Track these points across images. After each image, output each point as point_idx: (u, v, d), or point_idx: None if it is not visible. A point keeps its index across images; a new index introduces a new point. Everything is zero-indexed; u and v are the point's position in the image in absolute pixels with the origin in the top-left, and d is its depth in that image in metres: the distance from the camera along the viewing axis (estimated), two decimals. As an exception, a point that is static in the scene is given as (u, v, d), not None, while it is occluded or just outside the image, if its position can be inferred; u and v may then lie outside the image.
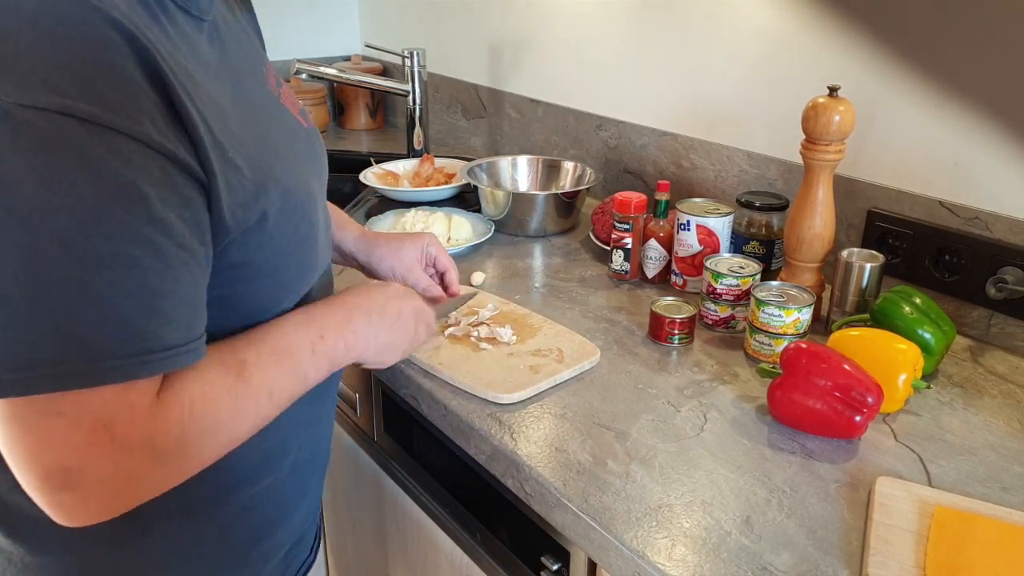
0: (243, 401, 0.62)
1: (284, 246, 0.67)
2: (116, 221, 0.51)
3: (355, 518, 1.29)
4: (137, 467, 0.55)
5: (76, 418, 0.51)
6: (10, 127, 0.48)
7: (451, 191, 1.53)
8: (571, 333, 1.02)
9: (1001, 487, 0.77)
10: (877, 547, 0.66)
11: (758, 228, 1.21)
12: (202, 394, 0.59)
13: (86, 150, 0.50)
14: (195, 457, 0.59)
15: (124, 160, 0.51)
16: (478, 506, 0.96)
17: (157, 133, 0.52)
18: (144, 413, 0.54)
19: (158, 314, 0.53)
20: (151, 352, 0.53)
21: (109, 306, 0.51)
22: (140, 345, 0.52)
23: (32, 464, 0.52)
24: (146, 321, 0.53)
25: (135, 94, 0.52)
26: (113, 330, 0.51)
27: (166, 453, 0.56)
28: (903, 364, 0.86)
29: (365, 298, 0.77)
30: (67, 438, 0.51)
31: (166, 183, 0.53)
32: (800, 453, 0.81)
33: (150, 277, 0.53)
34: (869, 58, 1.10)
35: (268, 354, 0.65)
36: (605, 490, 0.75)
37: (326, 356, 0.71)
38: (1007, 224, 1.00)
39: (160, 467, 0.56)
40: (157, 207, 0.53)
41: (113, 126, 0.50)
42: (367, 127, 2.18)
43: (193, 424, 0.58)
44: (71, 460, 0.52)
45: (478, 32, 1.83)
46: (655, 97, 1.45)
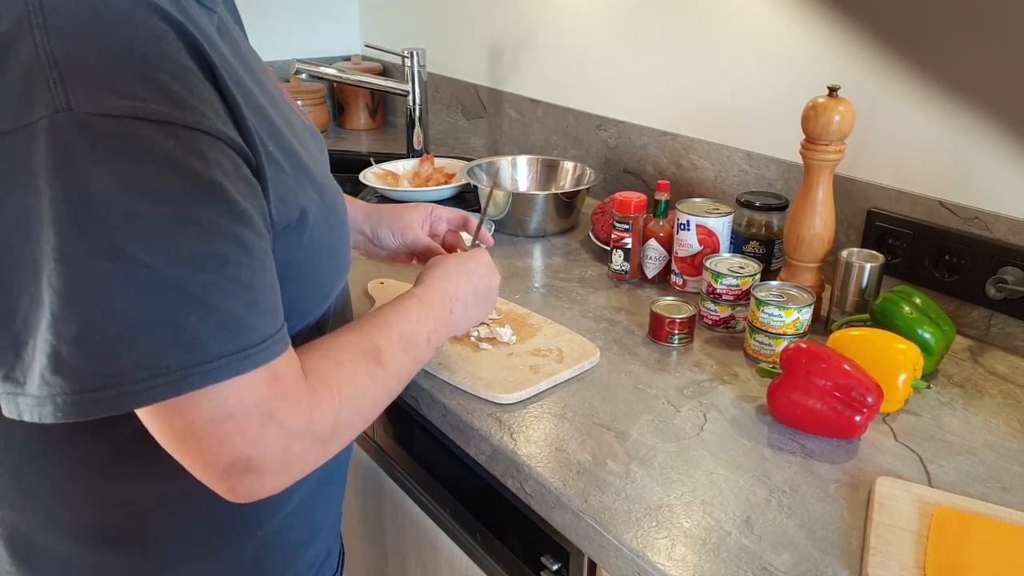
0: (383, 384, 0.67)
1: (324, 244, 0.67)
2: (203, 221, 0.51)
3: (355, 518, 1.29)
4: (303, 448, 0.58)
5: (246, 415, 0.54)
6: (88, 138, 0.48)
7: (451, 191, 1.53)
8: (571, 333, 1.02)
9: (1001, 487, 0.77)
10: (877, 547, 0.66)
11: (758, 228, 1.21)
12: (348, 381, 0.62)
13: (165, 152, 0.49)
14: (348, 435, 0.63)
15: (201, 157, 0.51)
16: (478, 506, 0.96)
17: (222, 124, 0.53)
18: (300, 401, 0.57)
19: (254, 307, 0.54)
20: (253, 345, 0.54)
21: (208, 307, 0.51)
22: (242, 340, 0.53)
23: (215, 460, 0.54)
24: (244, 315, 0.53)
25: (196, 86, 0.52)
26: (215, 329, 0.51)
27: (325, 435, 0.59)
28: (903, 364, 0.86)
29: (460, 286, 0.81)
30: (242, 433, 0.54)
31: (238, 174, 0.54)
32: (800, 453, 0.81)
33: (242, 272, 0.53)
34: (869, 58, 1.10)
35: (396, 341, 0.69)
36: (605, 490, 0.75)
37: (435, 344, 0.76)
38: (1007, 224, 1.00)
39: (319, 446, 0.59)
40: (237, 200, 0.53)
41: (187, 123, 0.50)
42: (367, 127, 2.18)
43: (344, 409, 0.61)
44: (249, 450, 0.54)
45: (478, 32, 1.83)
46: (655, 97, 1.45)
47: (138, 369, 0.49)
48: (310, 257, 0.65)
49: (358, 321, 0.70)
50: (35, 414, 0.50)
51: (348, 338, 0.66)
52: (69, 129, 0.47)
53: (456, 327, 0.80)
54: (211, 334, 0.51)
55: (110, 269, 0.48)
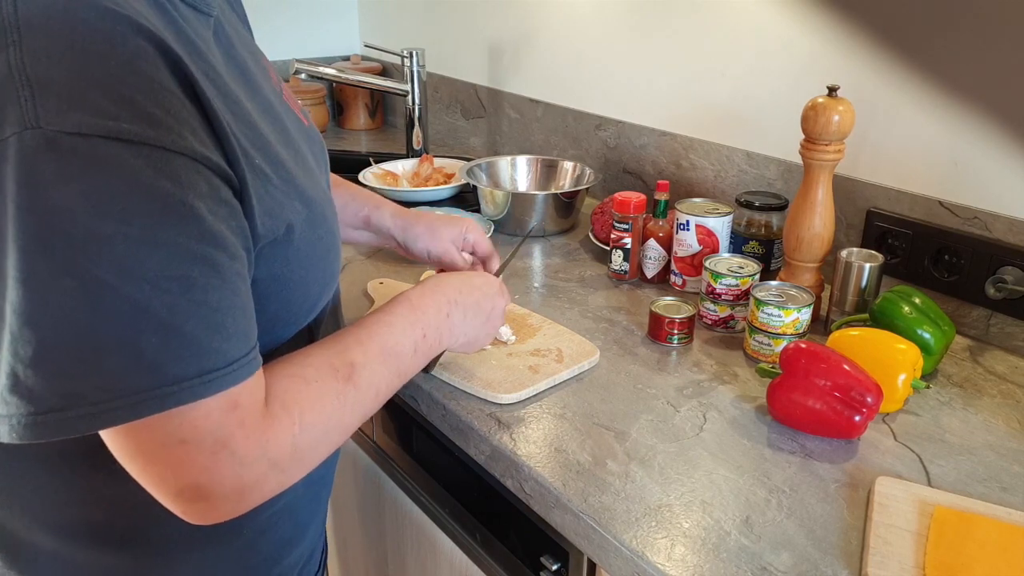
0: (352, 404, 0.63)
1: (310, 257, 0.66)
2: (170, 243, 0.50)
3: (354, 518, 1.29)
4: (258, 476, 0.56)
5: (198, 443, 0.52)
6: (56, 156, 0.47)
7: (450, 191, 1.53)
8: (571, 333, 1.02)
9: (1000, 487, 0.77)
10: (877, 547, 0.66)
11: (757, 228, 1.21)
12: (311, 404, 0.60)
13: (135, 173, 0.48)
14: (309, 460, 0.61)
15: (173, 178, 0.50)
16: (477, 506, 0.96)
17: (199, 144, 0.52)
18: (256, 429, 0.55)
19: (220, 330, 0.53)
20: (215, 369, 0.52)
21: (171, 330, 0.50)
22: (204, 364, 0.52)
23: (165, 484, 0.54)
24: (209, 339, 0.52)
25: (173, 105, 0.51)
26: (178, 353, 0.50)
27: (280, 461, 0.57)
28: (902, 364, 0.86)
29: (462, 293, 0.79)
30: (192, 461, 0.53)
31: (213, 195, 0.52)
32: (799, 453, 0.81)
33: (209, 294, 0.52)
34: (868, 58, 1.10)
35: (376, 354, 0.67)
36: (604, 490, 0.75)
37: (424, 354, 0.73)
38: (1006, 224, 1.00)
39: (276, 474, 0.58)
40: (209, 221, 0.52)
41: (159, 144, 0.49)
42: (366, 127, 2.18)
43: (304, 434, 0.59)
44: (199, 477, 0.53)
45: (477, 32, 1.83)
46: (654, 97, 1.45)
47: (96, 392, 0.49)
48: (296, 270, 0.64)
49: (341, 331, 0.68)
50: None
51: (322, 353, 0.64)
52: (36, 146, 0.47)
53: (453, 334, 0.78)
54: (173, 357, 0.50)
55: (72, 288, 0.47)
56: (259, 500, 0.58)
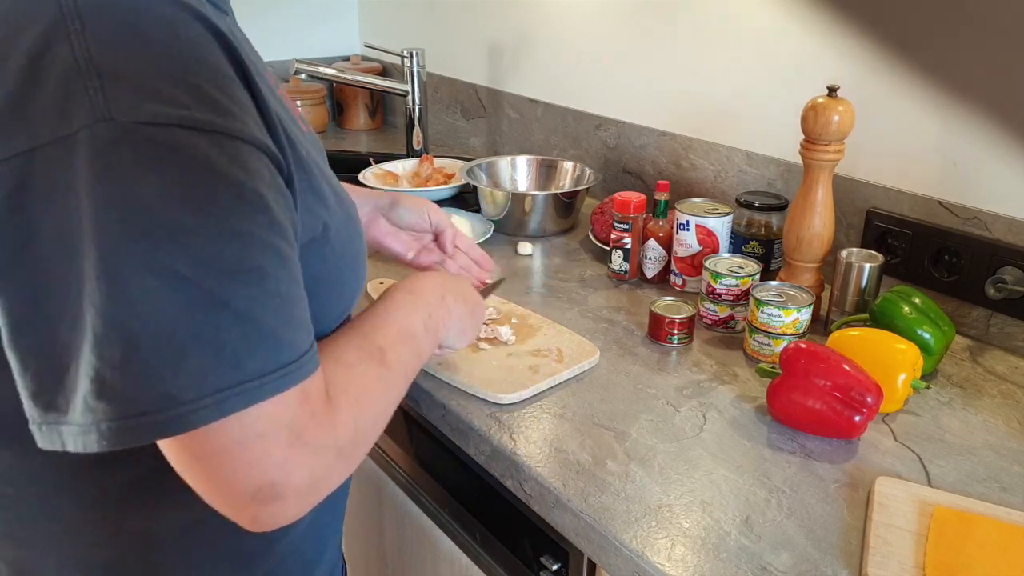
0: (391, 385, 0.64)
1: (344, 257, 0.65)
2: (245, 233, 0.49)
3: (355, 519, 1.29)
4: (327, 466, 0.55)
5: (275, 436, 0.51)
6: (132, 148, 0.46)
7: (450, 191, 1.53)
8: (570, 333, 1.02)
9: (1000, 487, 0.77)
10: (877, 547, 0.66)
11: (757, 228, 1.21)
12: (362, 389, 0.60)
13: (210, 161, 0.47)
14: (365, 445, 0.61)
15: (242, 166, 0.49)
16: (477, 506, 0.96)
17: (260, 132, 0.51)
18: (325, 417, 0.55)
19: (291, 321, 0.52)
20: (292, 361, 0.51)
21: (250, 323, 0.49)
22: (282, 356, 0.51)
23: (238, 487, 0.51)
24: (283, 331, 0.51)
25: (236, 93, 0.50)
26: (257, 346, 0.49)
27: (347, 448, 0.57)
28: (902, 364, 0.86)
29: (447, 282, 0.79)
30: (270, 456, 0.51)
31: (273, 183, 0.52)
32: (799, 453, 0.81)
33: (280, 285, 0.51)
34: (868, 58, 1.10)
35: (396, 336, 0.67)
36: (604, 490, 0.75)
37: (432, 333, 0.73)
38: (1006, 224, 1.00)
39: (343, 462, 0.57)
40: (275, 211, 0.51)
41: (229, 132, 0.48)
42: (366, 127, 2.18)
43: (363, 418, 0.59)
44: (275, 474, 0.51)
45: (477, 32, 1.83)
46: (654, 97, 1.45)
47: (184, 391, 0.47)
48: (332, 270, 0.64)
49: (354, 322, 0.68)
50: (79, 443, 0.47)
51: (349, 341, 0.64)
52: (111, 139, 0.45)
53: (451, 319, 0.77)
54: (252, 351, 0.49)
55: (154, 285, 0.46)
56: (325, 493, 0.57)
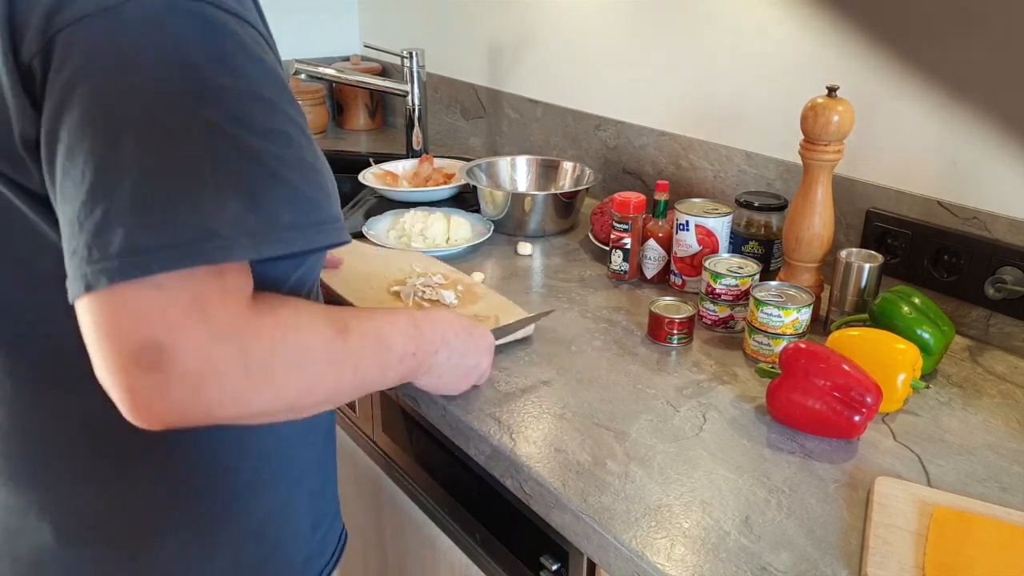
0: (334, 356, 0.60)
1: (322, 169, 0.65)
2: (272, 101, 0.55)
3: (353, 518, 1.29)
4: (224, 357, 0.52)
5: (174, 293, 0.50)
6: (178, 17, 0.52)
7: (450, 191, 1.53)
8: (513, 305, 1.06)
9: (1000, 487, 0.77)
10: (876, 547, 0.66)
11: (757, 228, 1.21)
12: (298, 325, 0.57)
13: (239, 38, 0.54)
14: (277, 383, 0.55)
15: (263, 50, 0.56)
16: (477, 506, 0.96)
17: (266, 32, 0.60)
18: (238, 305, 0.53)
19: (319, 187, 0.57)
20: (323, 222, 0.56)
21: (280, 179, 0.54)
22: (314, 215, 0.56)
23: (122, 338, 0.49)
24: (313, 192, 0.56)
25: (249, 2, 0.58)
26: (288, 200, 0.54)
27: (253, 357, 0.53)
28: (902, 364, 0.86)
29: (458, 337, 0.79)
30: (163, 312, 0.50)
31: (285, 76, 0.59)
32: (799, 453, 0.81)
33: (305, 153, 0.57)
34: (868, 58, 1.10)
35: (370, 332, 0.66)
36: (604, 490, 0.75)
37: (407, 369, 0.71)
38: (1006, 224, 1.00)
39: (243, 376, 0.53)
40: (291, 92, 0.58)
41: (250, 21, 0.56)
42: (366, 127, 2.18)
43: (284, 345, 0.55)
44: (164, 336, 0.49)
45: (477, 32, 1.83)
46: (654, 97, 1.45)
47: (225, 227, 0.51)
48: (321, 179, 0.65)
49: None
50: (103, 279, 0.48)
51: (321, 305, 0.62)
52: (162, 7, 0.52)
53: (432, 371, 0.76)
54: (283, 203, 0.54)
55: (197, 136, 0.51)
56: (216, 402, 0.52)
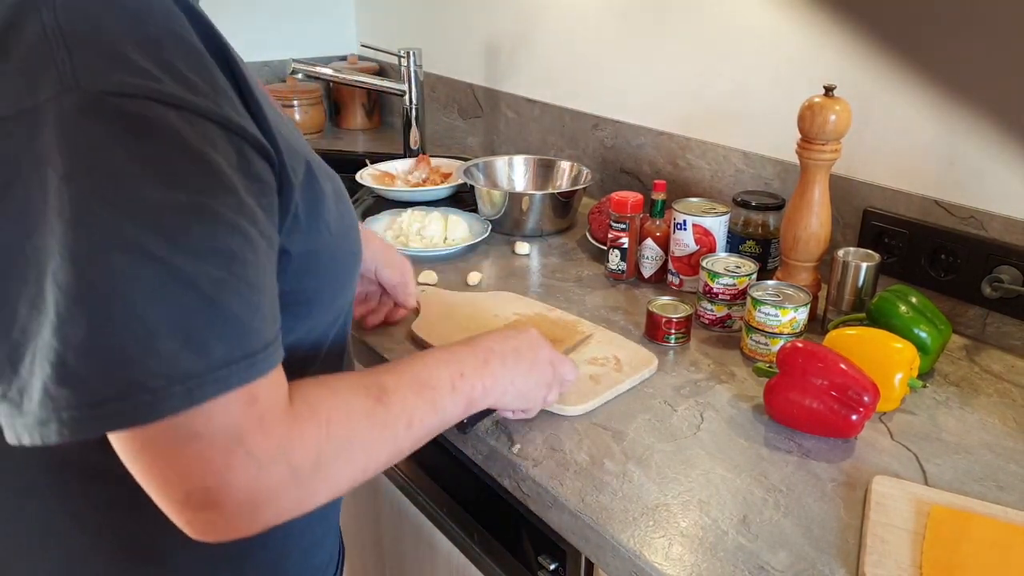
0: (382, 426, 0.58)
1: (338, 233, 0.64)
2: (215, 212, 0.47)
3: (352, 518, 1.29)
4: (275, 484, 0.50)
5: (210, 438, 0.47)
6: (100, 118, 0.44)
7: (447, 191, 1.53)
8: (623, 339, 1.00)
9: (997, 486, 0.77)
10: (874, 546, 0.66)
11: (754, 228, 1.21)
12: (340, 412, 0.55)
13: (180, 137, 0.46)
14: (332, 479, 0.54)
15: (212, 146, 0.48)
16: (475, 506, 0.96)
17: (236, 114, 0.50)
18: (277, 425, 0.50)
19: (258, 310, 0.50)
20: (257, 352, 0.49)
21: (217, 307, 0.47)
22: (247, 346, 0.48)
23: (170, 488, 0.48)
24: (250, 319, 0.49)
25: (211, 72, 0.49)
26: (223, 332, 0.47)
27: (302, 469, 0.52)
28: (899, 363, 0.86)
29: (499, 343, 0.75)
30: (204, 459, 0.47)
31: (246, 168, 0.50)
32: (797, 452, 0.81)
33: (248, 270, 0.49)
34: (865, 57, 1.11)
35: (409, 382, 0.62)
36: (602, 490, 0.75)
37: (465, 395, 0.68)
38: (1003, 223, 1.00)
39: (296, 486, 0.52)
40: (243, 194, 0.49)
41: (199, 110, 0.47)
42: (363, 127, 2.18)
43: (330, 442, 0.53)
44: (210, 480, 0.48)
45: (474, 32, 1.83)
46: (652, 97, 1.45)
47: (153, 377, 0.45)
48: (328, 247, 0.63)
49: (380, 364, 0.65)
50: (36, 435, 0.45)
51: (351, 375, 0.60)
52: (78, 108, 0.44)
53: (497, 383, 0.72)
54: (219, 337, 0.47)
55: (122, 262, 0.44)
56: (274, 517, 0.52)
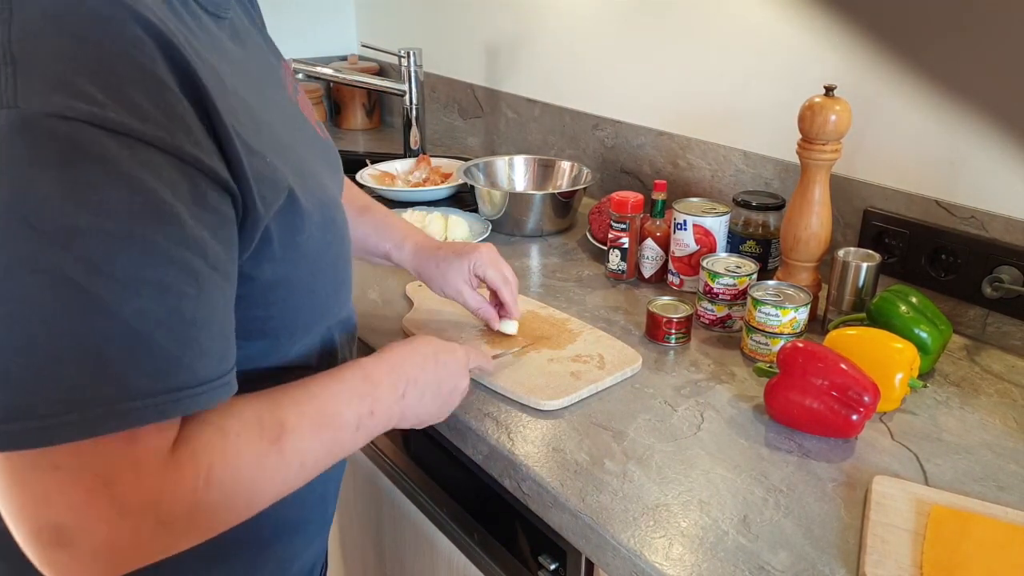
0: (271, 470, 0.56)
1: (319, 262, 0.64)
2: (147, 242, 0.46)
3: (352, 519, 1.29)
4: (139, 532, 0.48)
5: (74, 473, 0.46)
6: (31, 138, 0.44)
7: (448, 191, 1.53)
8: (611, 339, 1.00)
9: (997, 486, 0.77)
10: (874, 546, 0.66)
11: (755, 228, 1.21)
12: (224, 459, 0.53)
13: (116, 164, 0.45)
14: (206, 525, 0.53)
15: (156, 175, 0.47)
16: (475, 506, 0.96)
17: (191, 144, 0.49)
18: (152, 473, 0.48)
19: (192, 344, 0.48)
20: (184, 387, 0.48)
21: (138, 337, 0.46)
22: (173, 380, 0.47)
23: (23, 518, 0.46)
24: (180, 353, 0.48)
25: (167, 102, 0.48)
26: (144, 364, 0.46)
27: (172, 520, 0.50)
28: (900, 363, 0.86)
29: (424, 371, 0.73)
30: (62, 494, 0.45)
31: (198, 199, 0.49)
32: (797, 452, 0.81)
33: (184, 303, 0.48)
34: (866, 57, 1.10)
35: (311, 419, 0.60)
36: (602, 490, 0.75)
37: (367, 433, 0.66)
38: (1003, 223, 1.00)
39: (164, 534, 0.50)
40: (189, 226, 0.48)
41: (144, 138, 0.46)
42: (363, 127, 2.18)
43: (208, 491, 0.51)
44: (65, 517, 0.46)
45: (475, 32, 1.83)
46: (652, 97, 1.45)
47: (48, 403, 0.44)
48: (304, 275, 0.62)
49: (283, 385, 0.61)
50: None
51: (252, 405, 0.57)
52: (11, 126, 0.43)
53: (405, 415, 0.71)
54: (139, 368, 0.46)
55: (34, 285, 0.43)
56: (138, 561, 0.49)
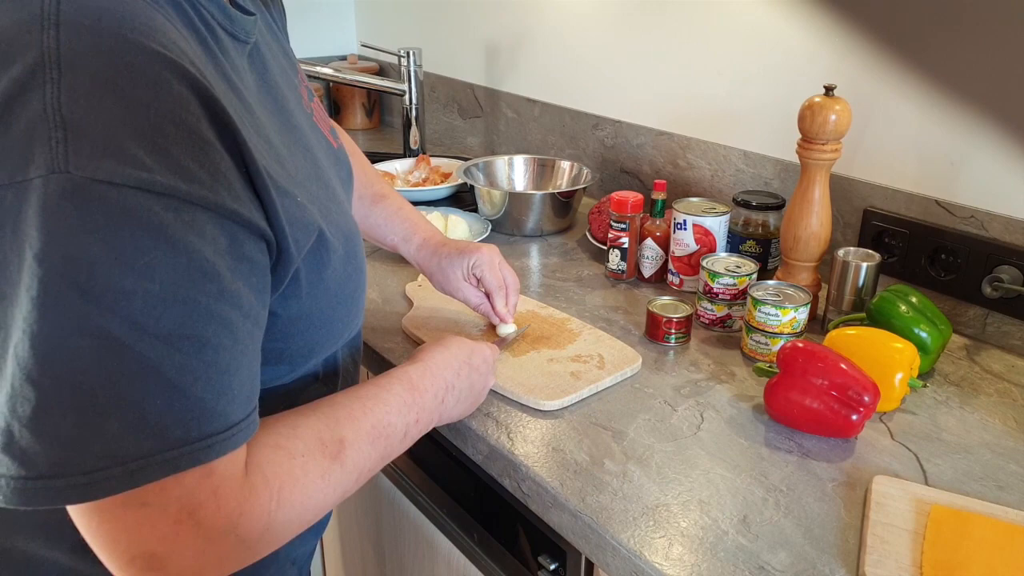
0: (334, 484, 0.60)
1: (339, 295, 0.65)
2: (190, 300, 0.48)
3: (351, 518, 1.29)
4: (221, 552, 0.52)
5: (161, 507, 0.49)
6: (82, 204, 0.45)
7: (447, 191, 1.53)
8: (611, 339, 1.00)
9: (997, 486, 0.77)
10: (874, 546, 0.66)
11: (755, 227, 1.21)
12: (293, 479, 0.56)
13: (163, 228, 0.47)
14: (280, 539, 0.56)
15: (199, 234, 0.48)
16: (475, 506, 0.96)
17: (232, 199, 0.50)
18: (230, 500, 0.51)
19: (226, 393, 0.51)
20: (217, 433, 0.50)
21: (178, 392, 0.48)
22: (207, 427, 0.49)
23: (116, 549, 0.49)
24: (215, 402, 0.50)
25: (211, 159, 0.49)
26: (182, 415, 0.48)
27: (251, 539, 0.53)
28: (899, 363, 0.86)
29: (460, 377, 0.78)
30: (152, 527, 0.49)
31: (236, 251, 0.51)
32: (797, 452, 0.81)
33: (220, 355, 0.50)
34: (865, 57, 1.10)
35: (366, 433, 0.64)
36: (602, 490, 0.75)
37: (412, 438, 0.70)
38: (1003, 223, 1.00)
39: (242, 551, 0.53)
40: (227, 280, 0.50)
41: (190, 199, 0.48)
42: (363, 127, 2.18)
43: (281, 511, 0.55)
44: (156, 547, 0.49)
45: (474, 32, 1.83)
46: (652, 96, 1.45)
47: (94, 459, 0.46)
48: (324, 308, 0.64)
49: (333, 399, 0.65)
50: None
51: (312, 424, 0.60)
52: (62, 192, 0.44)
53: (442, 417, 0.76)
54: (176, 420, 0.48)
55: (84, 348, 0.45)
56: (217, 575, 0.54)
